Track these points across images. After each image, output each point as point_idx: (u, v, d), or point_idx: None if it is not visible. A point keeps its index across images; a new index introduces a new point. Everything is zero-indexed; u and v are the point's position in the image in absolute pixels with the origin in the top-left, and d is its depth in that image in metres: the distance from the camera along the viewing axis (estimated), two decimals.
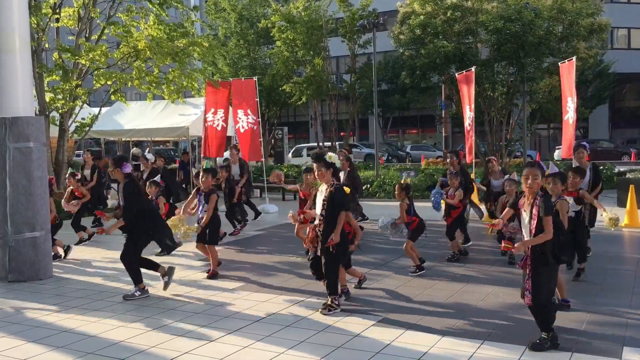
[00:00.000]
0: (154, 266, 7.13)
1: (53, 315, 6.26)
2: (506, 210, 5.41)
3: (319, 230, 6.16)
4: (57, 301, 6.85)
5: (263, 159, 17.04)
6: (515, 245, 5.00)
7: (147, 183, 9.54)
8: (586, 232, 7.51)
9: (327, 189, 6.17)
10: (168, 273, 7.10)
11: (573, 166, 8.16)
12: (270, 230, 11.93)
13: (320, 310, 6.10)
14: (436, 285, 7.20)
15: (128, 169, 6.95)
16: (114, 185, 9.40)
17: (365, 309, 6.23)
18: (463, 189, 8.65)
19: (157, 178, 9.71)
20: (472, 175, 11.98)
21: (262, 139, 16.52)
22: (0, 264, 7.96)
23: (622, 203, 12.65)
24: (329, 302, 6.12)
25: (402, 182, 7.99)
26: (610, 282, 7.14)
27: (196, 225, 7.78)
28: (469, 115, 14.90)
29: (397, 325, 5.65)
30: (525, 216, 5.06)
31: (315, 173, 6.32)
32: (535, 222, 4.93)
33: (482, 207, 10.51)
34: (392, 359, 4.83)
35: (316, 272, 6.34)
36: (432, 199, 8.61)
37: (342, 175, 10.06)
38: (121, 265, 7.09)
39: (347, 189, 6.50)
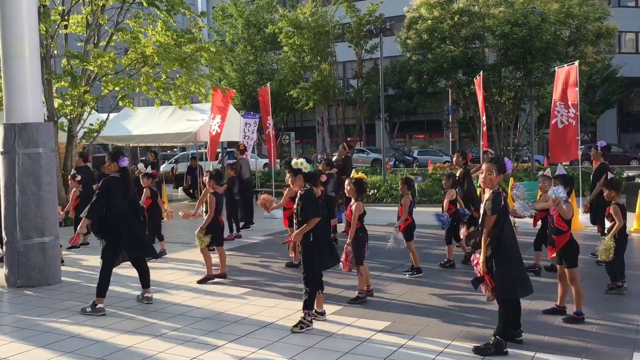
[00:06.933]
0: (145, 281, 6.95)
1: (62, 321, 6.28)
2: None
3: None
4: (65, 306, 6.87)
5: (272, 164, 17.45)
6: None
7: (140, 176, 9.98)
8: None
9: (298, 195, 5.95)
10: (147, 298, 6.94)
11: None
12: (277, 235, 11.94)
13: (292, 327, 5.75)
14: (442, 291, 7.17)
15: (124, 162, 6.66)
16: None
17: (372, 315, 6.22)
18: (465, 193, 8.77)
19: (149, 169, 9.84)
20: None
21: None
22: (9, 269, 8.01)
23: (631, 207, 12.55)
24: (300, 318, 5.75)
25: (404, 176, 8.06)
26: None
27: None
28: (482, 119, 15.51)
29: (404, 331, 5.63)
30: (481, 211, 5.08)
31: (289, 181, 6.16)
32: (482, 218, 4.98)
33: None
34: None
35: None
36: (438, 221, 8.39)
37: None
38: (127, 271, 7.10)
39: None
